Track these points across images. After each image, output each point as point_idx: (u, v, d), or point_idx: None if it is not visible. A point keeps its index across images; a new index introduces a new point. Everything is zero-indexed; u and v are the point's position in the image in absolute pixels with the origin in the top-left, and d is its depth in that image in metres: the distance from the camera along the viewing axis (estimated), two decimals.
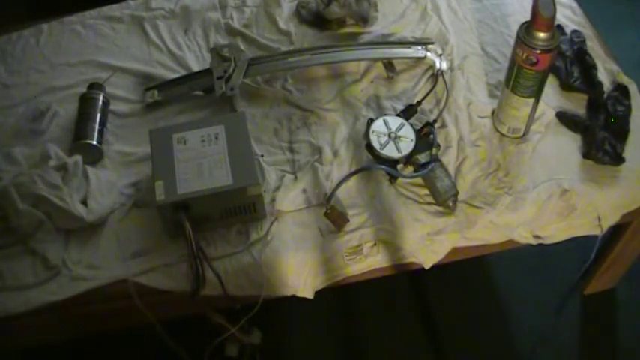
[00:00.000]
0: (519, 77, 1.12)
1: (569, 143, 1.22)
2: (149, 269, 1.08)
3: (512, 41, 1.12)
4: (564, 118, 1.25)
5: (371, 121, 1.19)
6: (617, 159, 1.17)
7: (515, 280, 1.60)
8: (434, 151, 1.15)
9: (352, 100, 1.31)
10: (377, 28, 1.45)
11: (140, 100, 1.34)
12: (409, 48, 1.36)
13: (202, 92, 1.33)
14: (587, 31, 1.40)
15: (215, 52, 1.32)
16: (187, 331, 1.21)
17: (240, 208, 1.09)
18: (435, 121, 1.24)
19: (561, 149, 1.22)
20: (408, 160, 1.16)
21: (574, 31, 1.38)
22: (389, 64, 1.35)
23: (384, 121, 1.19)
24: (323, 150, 1.22)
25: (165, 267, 1.08)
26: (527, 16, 1.07)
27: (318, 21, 1.46)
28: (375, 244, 1.13)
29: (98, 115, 1.26)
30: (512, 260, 1.62)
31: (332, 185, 1.14)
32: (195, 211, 1.06)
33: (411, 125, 1.19)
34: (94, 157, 1.23)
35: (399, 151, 1.15)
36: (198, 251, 1.04)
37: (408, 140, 1.16)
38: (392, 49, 1.36)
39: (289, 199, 1.15)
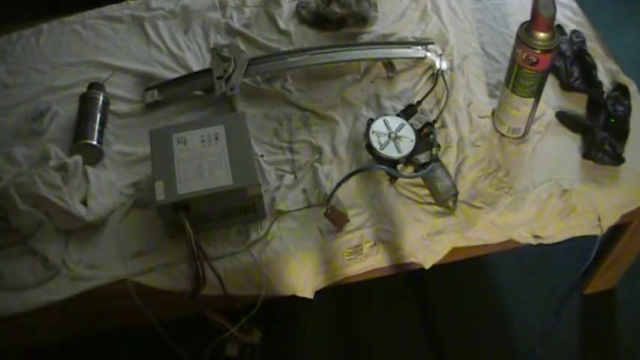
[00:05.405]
0: (519, 77, 1.12)
1: (569, 143, 1.22)
2: (149, 269, 1.08)
3: (512, 41, 1.12)
4: (564, 118, 1.25)
5: (371, 121, 1.19)
6: (617, 159, 1.17)
7: (515, 280, 1.59)
8: (434, 151, 1.15)
9: (352, 100, 1.31)
10: (377, 28, 1.45)
11: (140, 100, 1.34)
12: (409, 48, 1.36)
13: (202, 92, 1.33)
14: (587, 31, 1.40)
15: (215, 52, 1.32)
16: (187, 331, 1.21)
17: (240, 208, 1.09)
18: (435, 121, 1.24)
19: (561, 149, 1.21)
20: (408, 160, 1.16)
21: (574, 31, 1.38)
22: (389, 64, 1.35)
23: (384, 121, 1.19)
24: (323, 150, 1.22)
25: (166, 267, 1.08)
26: (527, 16, 1.07)
27: (318, 21, 1.45)
28: (375, 244, 1.13)
29: (98, 115, 1.26)
30: (512, 260, 1.62)
31: (332, 185, 1.14)
32: (195, 211, 1.06)
33: (411, 125, 1.19)
34: (94, 157, 1.23)
35: (399, 151, 1.15)
36: (198, 251, 1.04)
37: (408, 140, 1.16)
38: (392, 49, 1.36)
39: (289, 199, 1.15)
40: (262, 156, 1.22)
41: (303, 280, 1.13)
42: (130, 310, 1.07)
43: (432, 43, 1.37)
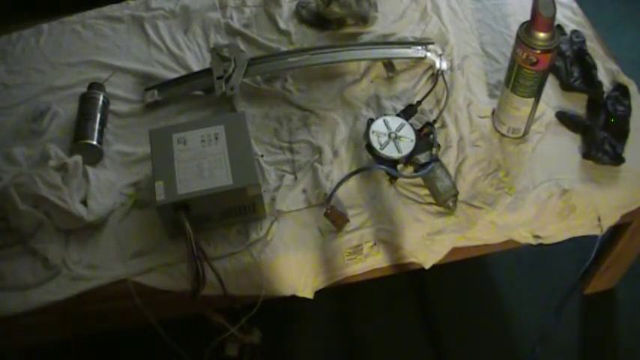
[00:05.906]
0: (519, 77, 1.12)
1: (569, 143, 1.22)
2: (149, 269, 1.08)
3: (512, 41, 1.12)
4: (564, 118, 1.25)
5: (371, 121, 1.19)
6: (617, 159, 1.17)
7: (515, 280, 1.59)
8: (434, 151, 1.15)
9: (352, 100, 1.31)
10: (377, 28, 1.45)
11: (140, 100, 1.34)
12: (409, 48, 1.36)
13: (202, 92, 1.33)
14: (587, 31, 1.40)
15: (215, 52, 1.32)
16: (187, 331, 1.21)
17: (240, 208, 1.09)
18: (435, 121, 1.24)
19: (561, 149, 1.22)
20: (408, 160, 1.16)
21: (574, 31, 1.38)
22: (389, 64, 1.35)
23: (384, 121, 1.19)
24: (323, 150, 1.22)
25: (166, 267, 1.08)
26: (527, 16, 1.07)
27: (318, 21, 1.46)
28: (375, 244, 1.13)
29: (98, 115, 1.26)
30: (512, 260, 1.62)
31: (332, 185, 1.14)
32: (195, 211, 1.06)
33: (411, 125, 1.19)
34: (94, 157, 1.23)
35: (399, 151, 1.15)
36: (198, 251, 1.04)
37: (408, 140, 1.16)
38: (392, 49, 1.36)
39: (289, 199, 1.15)
40: (262, 156, 1.22)
41: (303, 280, 1.13)
42: (130, 310, 1.07)
43: (432, 43, 1.37)
